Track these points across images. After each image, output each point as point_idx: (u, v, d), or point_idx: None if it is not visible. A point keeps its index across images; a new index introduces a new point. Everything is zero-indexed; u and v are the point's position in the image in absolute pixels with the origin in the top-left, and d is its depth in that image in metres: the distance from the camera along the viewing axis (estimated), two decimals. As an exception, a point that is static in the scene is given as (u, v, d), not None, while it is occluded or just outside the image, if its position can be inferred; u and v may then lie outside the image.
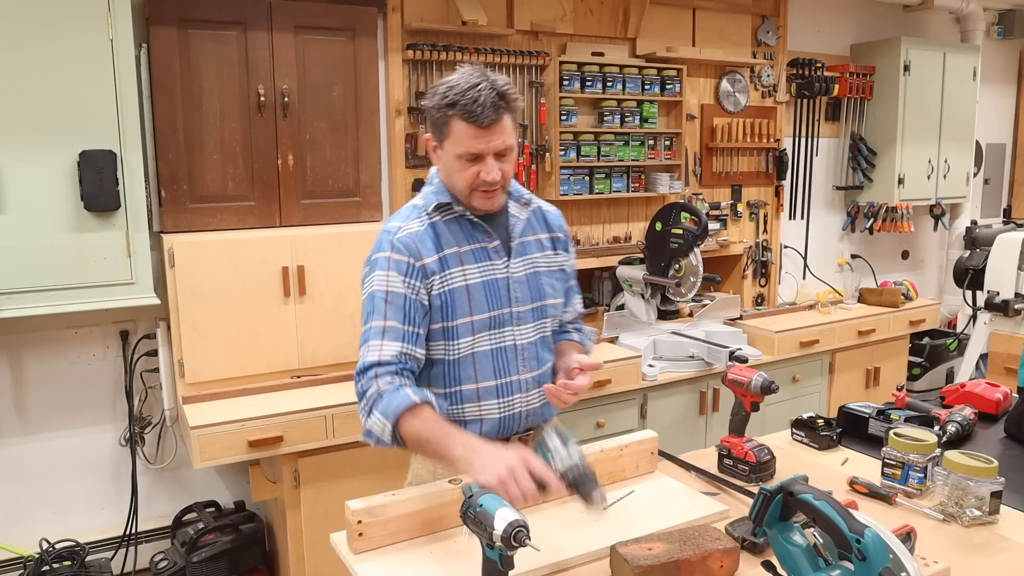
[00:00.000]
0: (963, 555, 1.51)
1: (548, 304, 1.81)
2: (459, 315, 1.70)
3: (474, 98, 1.59)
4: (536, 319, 1.79)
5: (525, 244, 1.79)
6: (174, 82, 2.78)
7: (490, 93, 1.60)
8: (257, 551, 2.95)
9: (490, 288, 1.73)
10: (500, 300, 1.73)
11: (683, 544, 1.39)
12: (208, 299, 2.77)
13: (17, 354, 2.86)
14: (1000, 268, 4.30)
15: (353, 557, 1.49)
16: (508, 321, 1.74)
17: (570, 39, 3.74)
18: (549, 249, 1.84)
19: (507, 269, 1.75)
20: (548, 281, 1.82)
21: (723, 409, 3.52)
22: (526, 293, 1.77)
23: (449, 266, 1.70)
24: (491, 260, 1.74)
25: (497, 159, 1.65)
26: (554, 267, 1.84)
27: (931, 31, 5.23)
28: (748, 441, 1.87)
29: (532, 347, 1.78)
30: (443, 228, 1.72)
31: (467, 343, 1.72)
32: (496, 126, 1.61)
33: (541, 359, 1.81)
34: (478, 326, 1.71)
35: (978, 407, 2.28)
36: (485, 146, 1.62)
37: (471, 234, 1.73)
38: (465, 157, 1.64)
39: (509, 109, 1.64)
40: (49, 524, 2.95)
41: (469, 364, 1.72)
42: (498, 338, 1.74)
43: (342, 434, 2.69)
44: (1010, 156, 5.94)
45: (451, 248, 1.71)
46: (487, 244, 1.74)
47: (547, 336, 1.83)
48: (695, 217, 3.63)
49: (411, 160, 3.41)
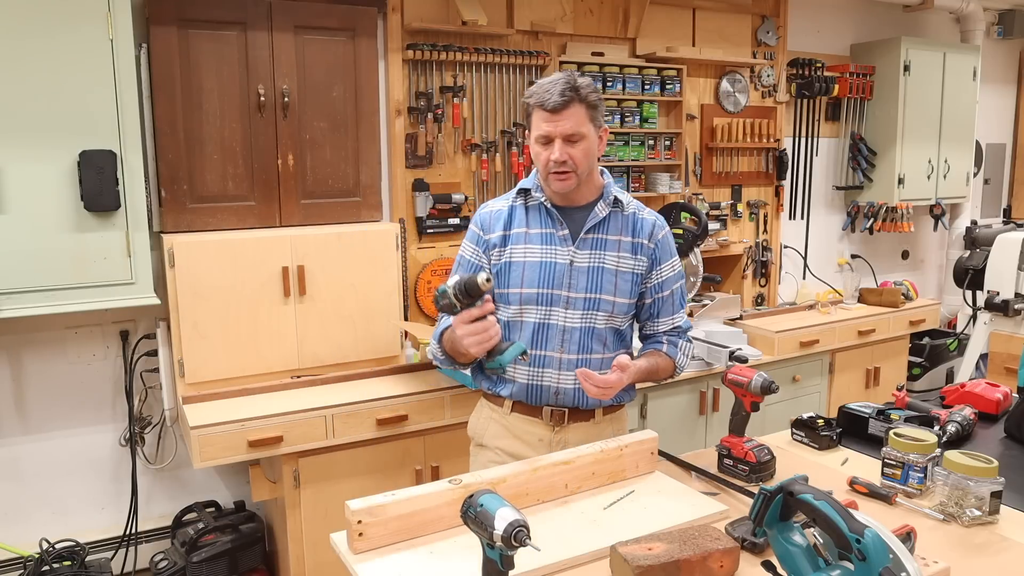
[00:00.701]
0: (963, 555, 1.51)
1: (603, 299, 1.92)
2: (511, 285, 1.94)
3: (547, 88, 1.83)
4: (587, 308, 1.92)
5: (598, 239, 1.94)
6: (174, 82, 2.78)
7: (563, 85, 1.81)
8: (257, 551, 2.95)
9: (546, 269, 1.92)
10: (554, 281, 1.91)
11: (683, 544, 1.39)
12: (208, 299, 2.77)
13: (17, 354, 2.86)
14: (1000, 268, 4.31)
15: (353, 557, 1.49)
16: (558, 302, 1.92)
17: (570, 39, 3.74)
18: (627, 251, 1.95)
19: (570, 256, 1.92)
20: (611, 279, 1.93)
21: (723, 409, 3.52)
22: (583, 282, 1.92)
23: (511, 242, 1.95)
24: (556, 246, 1.93)
25: (567, 144, 1.83)
26: (624, 268, 1.94)
27: (931, 31, 5.23)
28: (748, 441, 1.87)
29: (577, 332, 1.92)
30: (521, 211, 1.98)
31: (515, 310, 1.94)
32: (564, 111, 1.81)
33: (584, 346, 1.93)
34: (527, 298, 1.92)
35: (978, 407, 2.28)
36: (552, 128, 1.82)
37: (545, 220, 1.95)
38: (539, 141, 1.86)
39: (580, 99, 1.82)
40: (49, 524, 2.96)
41: (515, 328, 1.94)
42: (545, 314, 1.92)
43: (342, 434, 2.69)
44: (1010, 156, 5.94)
45: (520, 228, 1.96)
46: (556, 231, 1.93)
47: (599, 328, 1.94)
48: (695, 217, 3.63)
49: (411, 160, 3.41)
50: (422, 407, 2.80)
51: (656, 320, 2.02)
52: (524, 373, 1.94)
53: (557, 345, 1.92)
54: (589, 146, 1.87)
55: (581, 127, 1.83)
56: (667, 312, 2.02)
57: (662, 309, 2.01)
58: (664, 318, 2.02)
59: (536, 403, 1.95)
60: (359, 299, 3.03)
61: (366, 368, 3.03)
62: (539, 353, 1.93)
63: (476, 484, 1.59)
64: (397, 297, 3.13)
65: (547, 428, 1.97)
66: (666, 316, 2.02)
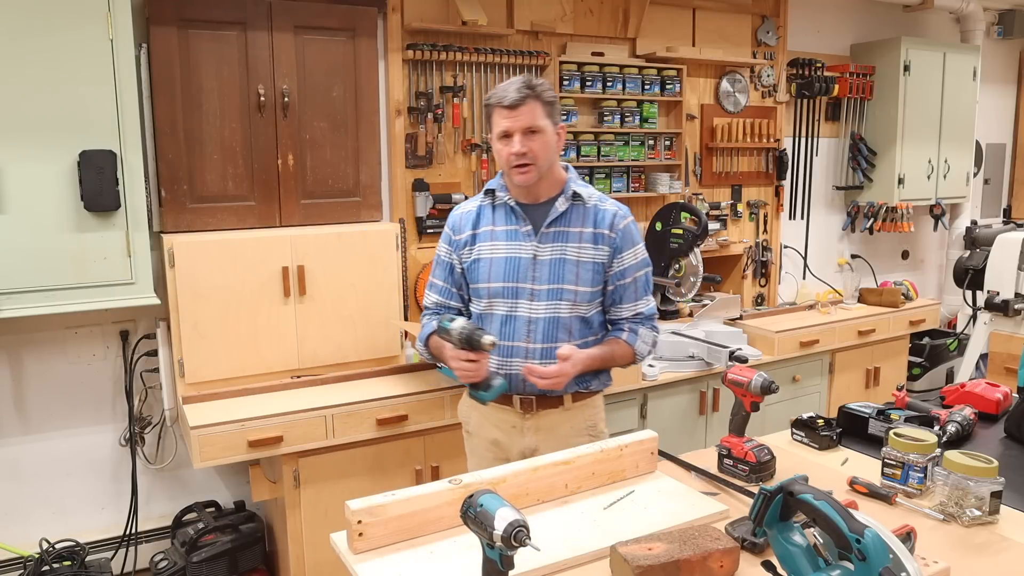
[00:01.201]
0: (963, 555, 1.51)
1: (566, 288, 2.03)
2: (480, 280, 2.07)
3: (505, 88, 1.97)
4: (551, 299, 2.03)
5: (559, 233, 2.04)
6: (174, 82, 2.78)
7: (520, 83, 1.96)
8: (257, 551, 2.95)
9: (511, 264, 2.04)
10: (519, 275, 2.04)
11: (683, 544, 1.39)
12: (208, 299, 2.77)
13: (17, 354, 2.86)
14: (1000, 268, 4.30)
15: (353, 557, 1.49)
16: (523, 294, 2.03)
17: (570, 39, 3.74)
18: (588, 242, 2.04)
19: (533, 251, 2.03)
20: (573, 269, 2.03)
21: (723, 409, 3.52)
22: (545, 274, 2.03)
23: (479, 241, 2.09)
24: (520, 241, 2.05)
25: (526, 138, 1.95)
26: (585, 258, 2.04)
27: (931, 31, 5.23)
28: (748, 441, 1.87)
29: (542, 322, 2.03)
30: (488, 210, 2.11)
31: (485, 304, 2.08)
32: (521, 107, 1.94)
33: (550, 335, 2.03)
34: (493, 292, 2.05)
35: (978, 407, 2.28)
36: (511, 124, 1.95)
37: (509, 217, 2.07)
38: (499, 138, 1.99)
39: (535, 96, 1.95)
40: (49, 524, 2.96)
41: (487, 321, 2.08)
42: (512, 306, 2.05)
43: (342, 434, 2.69)
44: (1010, 156, 5.94)
45: (487, 227, 2.09)
46: (519, 227, 2.06)
47: (563, 318, 2.03)
48: (695, 217, 3.63)
49: (411, 160, 3.41)
50: (422, 407, 2.80)
51: (619, 306, 2.11)
52: (495, 363, 2.03)
53: (523, 335, 2.03)
54: (547, 140, 1.99)
55: (538, 121, 1.95)
56: (629, 299, 2.10)
57: (624, 296, 2.10)
58: (627, 304, 2.11)
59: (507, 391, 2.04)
60: (359, 299, 3.02)
61: (366, 368, 3.03)
62: (507, 344, 2.03)
63: (476, 484, 1.59)
64: (397, 297, 3.13)
65: (518, 415, 2.09)
66: (628, 303, 2.11)
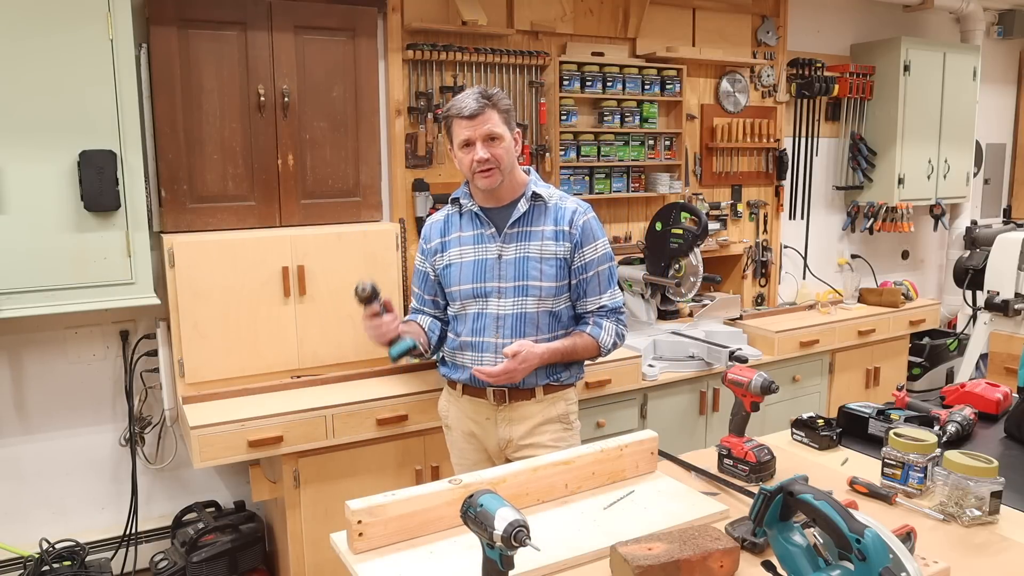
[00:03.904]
0: (963, 555, 1.51)
1: (530, 285, 2.14)
2: (452, 284, 2.21)
3: (462, 99, 2.08)
4: (517, 296, 2.14)
5: (521, 232, 2.16)
6: (174, 82, 2.78)
7: (477, 93, 2.07)
8: (257, 551, 2.95)
9: (479, 266, 2.17)
10: (486, 275, 2.16)
11: (683, 544, 1.39)
12: (208, 299, 2.77)
13: (17, 354, 2.86)
14: (1000, 268, 4.30)
15: (353, 557, 1.49)
16: (491, 293, 2.16)
17: (570, 39, 3.74)
18: (550, 239, 2.15)
19: (498, 251, 2.15)
20: (536, 266, 2.14)
21: (723, 409, 3.52)
22: (511, 272, 2.14)
23: (448, 248, 2.22)
24: (485, 244, 2.17)
25: (488, 144, 2.06)
26: (548, 255, 2.15)
27: (931, 31, 5.23)
28: (748, 441, 1.87)
29: (510, 318, 2.15)
30: (455, 219, 2.24)
31: (458, 305, 2.22)
32: (480, 116, 2.05)
33: (518, 330, 2.15)
34: (464, 294, 2.19)
35: (978, 407, 2.28)
36: (472, 132, 2.06)
37: (475, 223, 2.20)
38: (460, 146, 2.10)
39: (492, 104, 2.07)
40: (49, 524, 2.96)
41: (461, 321, 2.22)
42: (482, 305, 2.17)
43: (342, 434, 2.69)
44: (1010, 156, 5.94)
45: (454, 233, 2.22)
46: (484, 231, 2.18)
47: (530, 312, 2.15)
48: (695, 217, 3.63)
49: (411, 160, 3.41)
50: (422, 407, 2.80)
51: (584, 300, 2.21)
52: (469, 359, 2.18)
53: (493, 331, 2.15)
54: (507, 145, 2.10)
55: (497, 128, 2.07)
56: (593, 292, 2.20)
57: (588, 289, 2.19)
58: (591, 298, 2.20)
59: (481, 385, 2.17)
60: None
61: (366, 368, 3.02)
62: (478, 340, 2.17)
63: (476, 484, 1.59)
64: (397, 297, 3.13)
65: (491, 407, 2.21)
66: (592, 296, 2.20)
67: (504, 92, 2.15)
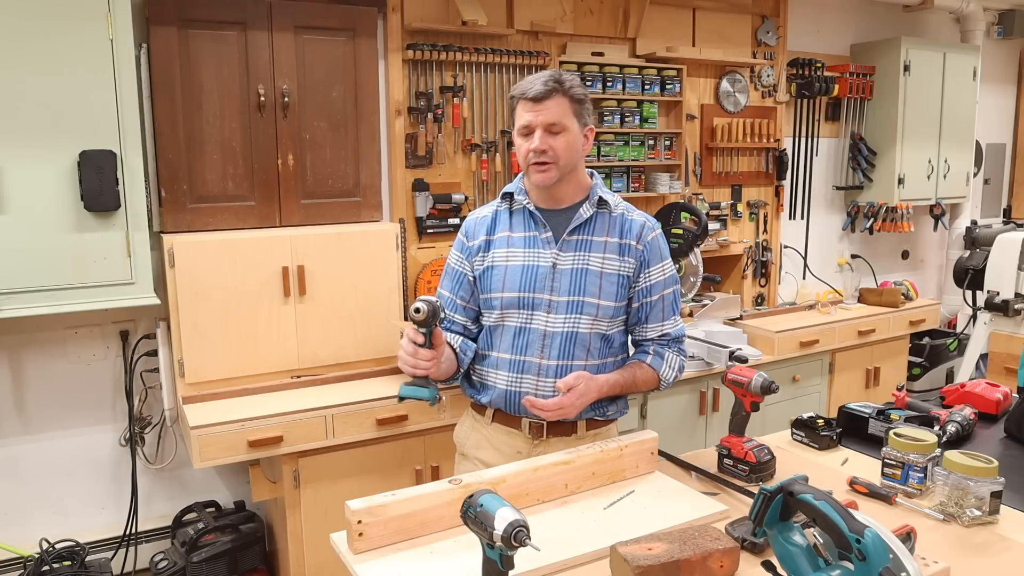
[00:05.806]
0: (963, 555, 1.51)
1: (587, 301, 1.86)
2: (493, 290, 1.90)
3: (532, 80, 1.83)
4: (570, 312, 1.86)
5: (582, 241, 1.89)
6: (174, 82, 2.78)
7: (548, 76, 1.82)
8: (257, 551, 2.95)
9: (529, 272, 1.88)
10: (536, 285, 1.87)
11: (683, 544, 1.39)
12: (208, 299, 2.77)
13: (17, 354, 2.86)
14: (1000, 268, 4.30)
15: (353, 557, 1.49)
16: (540, 305, 1.87)
17: (570, 39, 3.74)
18: (613, 253, 1.88)
19: (553, 259, 1.87)
20: (596, 281, 1.87)
21: (723, 409, 3.52)
22: (565, 285, 1.86)
23: (494, 247, 1.92)
24: (539, 249, 1.89)
25: (547, 134, 1.81)
26: (609, 270, 1.88)
27: (931, 31, 5.23)
28: (748, 441, 1.87)
29: (559, 337, 1.87)
30: (504, 215, 1.95)
31: (497, 315, 1.91)
32: (545, 101, 1.80)
33: (566, 352, 1.87)
34: (507, 303, 1.89)
35: (978, 407, 2.28)
36: (533, 118, 1.81)
37: (528, 223, 1.91)
38: (520, 133, 1.85)
39: (563, 91, 1.81)
40: (49, 524, 2.95)
41: (497, 334, 1.92)
42: (526, 318, 1.88)
43: (342, 434, 2.69)
44: (1010, 156, 5.94)
45: (502, 232, 1.93)
46: (539, 233, 1.90)
47: (582, 333, 1.87)
48: (695, 217, 3.63)
49: (411, 160, 3.41)
50: (422, 407, 2.79)
51: (644, 326, 1.95)
52: (504, 379, 1.90)
53: (537, 350, 1.87)
54: (571, 140, 1.83)
55: (563, 118, 1.81)
56: (656, 318, 1.94)
57: (650, 315, 1.93)
58: (653, 324, 1.94)
59: (515, 412, 1.90)
60: (359, 299, 3.02)
61: (366, 368, 3.03)
62: (519, 359, 1.88)
63: (476, 484, 1.59)
64: (397, 297, 3.13)
65: (526, 441, 1.92)
66: (655, 323, 1.94)
67: (581, 82, 1.88)
